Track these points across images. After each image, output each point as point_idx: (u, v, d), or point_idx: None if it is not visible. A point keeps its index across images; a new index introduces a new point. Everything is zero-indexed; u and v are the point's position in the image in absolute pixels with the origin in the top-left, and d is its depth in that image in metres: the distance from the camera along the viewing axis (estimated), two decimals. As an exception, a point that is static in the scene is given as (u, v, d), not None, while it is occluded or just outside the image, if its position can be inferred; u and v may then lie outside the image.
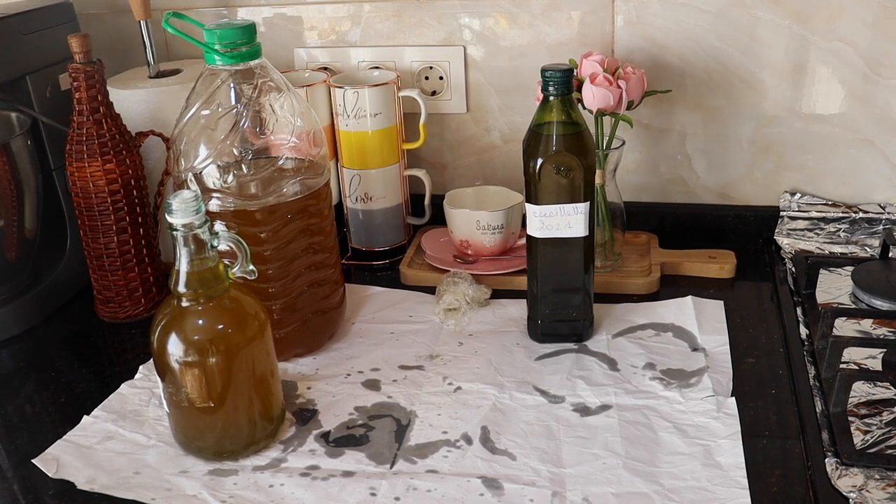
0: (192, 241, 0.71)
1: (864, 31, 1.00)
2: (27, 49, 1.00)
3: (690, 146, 1.10)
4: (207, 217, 0.72)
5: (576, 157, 0.83)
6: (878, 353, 0.83)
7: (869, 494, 0.66)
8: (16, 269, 1.01)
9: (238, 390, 0.74)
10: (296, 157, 0.86)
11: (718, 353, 0.87)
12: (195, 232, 0.70)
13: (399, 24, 1.13)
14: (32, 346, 0.98)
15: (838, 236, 1.06)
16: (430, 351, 0.91)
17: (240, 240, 0.74)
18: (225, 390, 0.73)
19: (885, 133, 1.04)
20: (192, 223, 0.70)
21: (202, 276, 0.72)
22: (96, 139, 0.95)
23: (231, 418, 0.74)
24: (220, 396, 0.73)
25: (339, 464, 0.75)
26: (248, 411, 0.75)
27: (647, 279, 1.00)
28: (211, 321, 0.73)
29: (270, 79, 0.84)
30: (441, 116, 1.16)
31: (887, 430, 0.73)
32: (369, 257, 1.12)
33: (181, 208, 0.70)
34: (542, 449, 0.75)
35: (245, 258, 0.74)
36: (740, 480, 0.69)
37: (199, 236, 0.71)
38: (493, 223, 1.03)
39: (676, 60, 1.06)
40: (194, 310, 0.73)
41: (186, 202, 0.70)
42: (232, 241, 0.73)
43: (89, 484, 0.74)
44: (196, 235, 0.71)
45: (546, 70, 0.82)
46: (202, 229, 0.71)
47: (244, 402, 0.75)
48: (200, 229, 0.71)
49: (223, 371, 0.73)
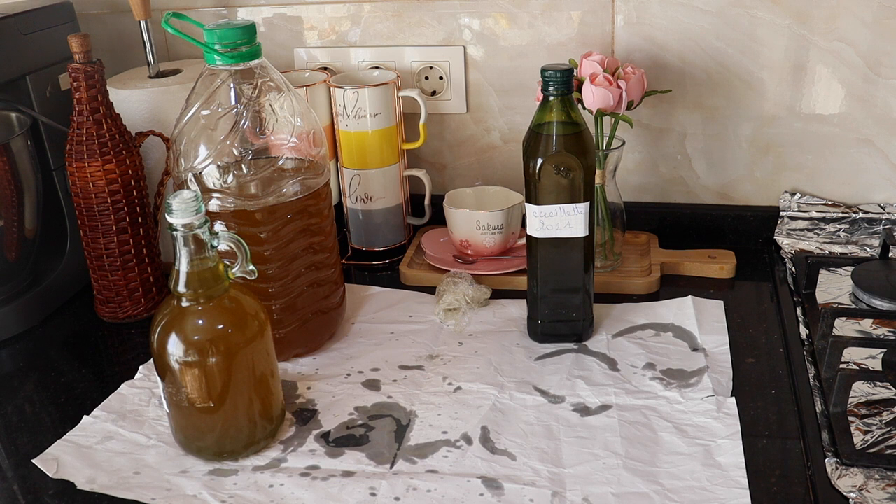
0: (192, 241, 0.71)
1: (864, 31, 1.00)
2: (27, 49, 1.00)
3: (690, 146, 1.10)
4: (207, 217, 0.72)
5: (576, 157, 0.83)
6: (878, 353, 0.83)
7: (869, 494, 0.66)
8: (16, 269, 1.01)
9: (238, 390, 0.74)
10: (296, 157, 0.86)
11: (718, 353, 0.87)
12: (195, 232, 0.70)
13: (399, 24, 1.13)
14: (32, 346, 0.98)
15: (838, 236, 1.06)
16: (430, 351, 0.91)
17: (240, 239, 0.74)
18: (225, 390, 0.73)
19: (885, 133, 1.04)
20: (192, 223, 0.70)
21: (202, 276, 0.72)
22: (96, 139, 0.95)
23: (231, 418, 0.74)
24: (220, 396, 0.73)
25: (339, 464, 0.75)
26: (248, 411, 0.75)
27: (646, 279, 1.00)
28: (211, 321, 0.73)
29: (270, 79, 0.84)
30: (441, 116, 1.16)
31: (887, 431, 0.73)
32: (369, 257, 1.12)
33: (181, 208, 0.70)
34: (542, 449, 0.75)
35: (245, 258, 0.74)
36: (740, 480, 0.69)
37: (199, 236, 0.71)
38: (493, 223, 1.03)
39: (676, 60, 1.06)
40: (194, 310, 0.73)
41: (186, 202, 0.70)
42: (232, 241, 0.74)
43: (89, 484, 0.74)
44: (196, 235, 0.71)
45: (546, 70, 0.82)
46: (202, 229, 0.71)
47: (244, 402, 0.75)
48: (200, 229, 0.71)
49: (223, 371, 0.73)
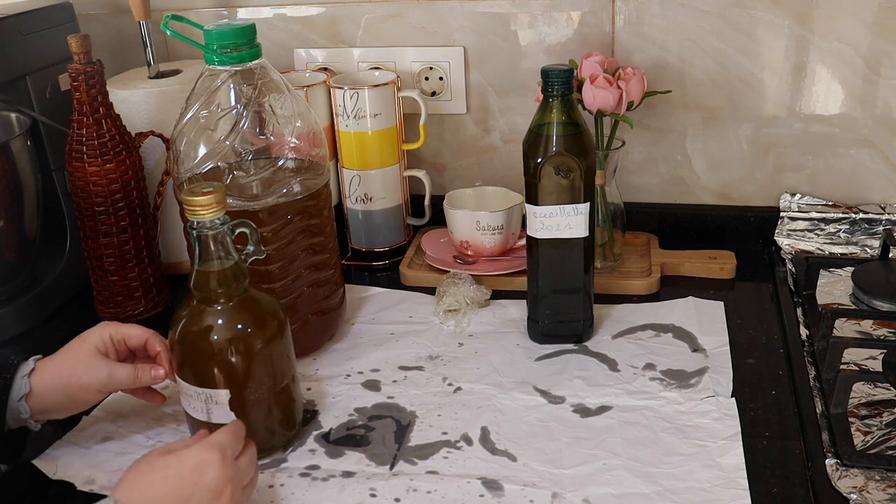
0: (210, 240, 0.70)
1: (864, 31, 1.00)
2: (27, 49, 1.00)
3: (690, 146, 1.10)
4: (227, 216, 0.71)
5: (576, 157, 0.83)
6: (879, 354, 0.83)
7: (869, 495, 0.66)
8: (16, 269, 1.01)
9: (257, 399, 0.73)
10: (296, 157, 0.86)
11: (718, 354, 0.87)
12: (215, 231, 0.70)
13: (399, 25, 1.13)
14: (32, 347, 0.98)
15: (838, 237, 1.06)
16: (430, 352, 0.91)
17: (248, 222, 0.74)
18: (241, 395, 0.72)
19: (885, 133, 1.04)
20: (213, 222, 0.70)
21: (222, 275, 0.71)
22: (96, 139, 0.95)
23: (248, 428, 0.72)
24: (239, 401, 0.72)
25: (339, 464, 0.75)
26: (266, 421, 0.75)
27: (647, 280, 1.00)
28: (230, 321, 0.72)
29: (270, 79, 0.84)
30: (441, 117, 1.16)
31: (887, 431, 0.73)
32: (369, 258, 1.12)
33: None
34: (542, 450, 0.75)
35: (256, 241, 0.74)
36: (740, 481, 0.69)
37: (217, 235, 0.71)
38: (493, 224, 1.03)
39: (676, 61, 1.06)
40: (213, 310, 0.72)
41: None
42: (245, 227, 0.73)
43: (89, 485, 0.74)
44: (215, 235, 0.70)
45: (546, 71, 0.82)
46: (221, 229, 0.70)
47: (262, 411, 0.74)
48: (220, 228, 0.70)
49: (244, 372, 0.72)
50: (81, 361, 0.74)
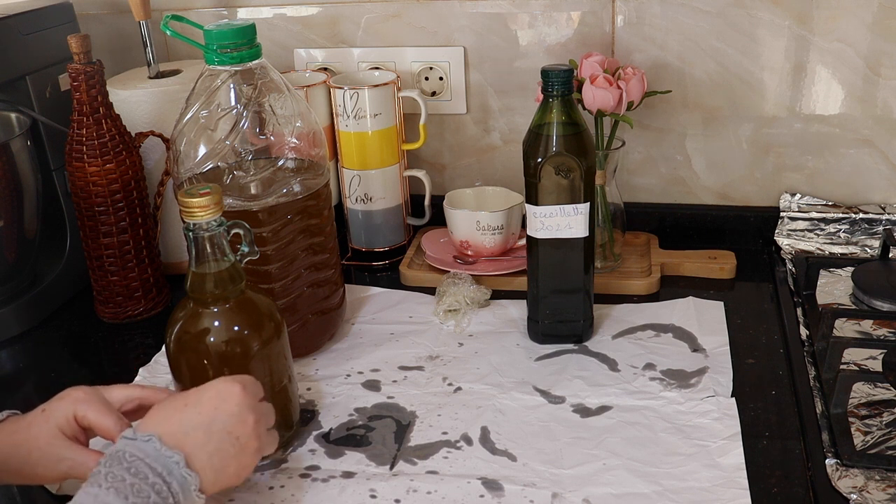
0: (206, 241, 0.70)
1: (864, 31, 1.00)
2: (27, 49, 1.00)
3: (690, 146, 1.10)
4: (223, 218, 0.71)
5: (576, 157, 0.83)
6: (879, 354, 0.83)
7: (869, 495, 0.66)
8: (16, 269, 1.01)
9: None
10: (296, 157, 0.86)
11: (718, 354, 0.87)
12: (211, 233, 0.70)
13: (399, 25, 1.13)
14: (32, 347, 0.98)
15: (838, 237, 1.06)
16: (430, 352, 0.91)
17: (240, 221, 0.73)
18: None
19: (885, 133, 1.04)
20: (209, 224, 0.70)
21: (219, 277, 0.71)
22: (96, 139, 0.95)
23: None
24: None
25: (339, 465, 0.75)
26: None
27: (647, 280, 1.00)
28: (227, 322, 0.72)
29: (270, 79, 0.84)
30: (441, 117, 1.16)
31: (888, 431, 0.73)
32: (369, 258, 1.12)
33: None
34: (542, 450, 0.75)
35: (250, 241, 0.74)
36: (740, 481, 0.69)
37: (214, 237, 0.71)
38: (494, 224, 1.03)
39: (676, 61, 1.06)
40: (210, 312, 0.72)
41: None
42: (238, 227, 0.73)
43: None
44: (212, 236, 0.70)
45: (546, 71, 0.82)
46: (217, 230, 0.70)
47: None
48: (216, 230, 0.70)
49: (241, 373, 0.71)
50: (38, 449, 0.63)
